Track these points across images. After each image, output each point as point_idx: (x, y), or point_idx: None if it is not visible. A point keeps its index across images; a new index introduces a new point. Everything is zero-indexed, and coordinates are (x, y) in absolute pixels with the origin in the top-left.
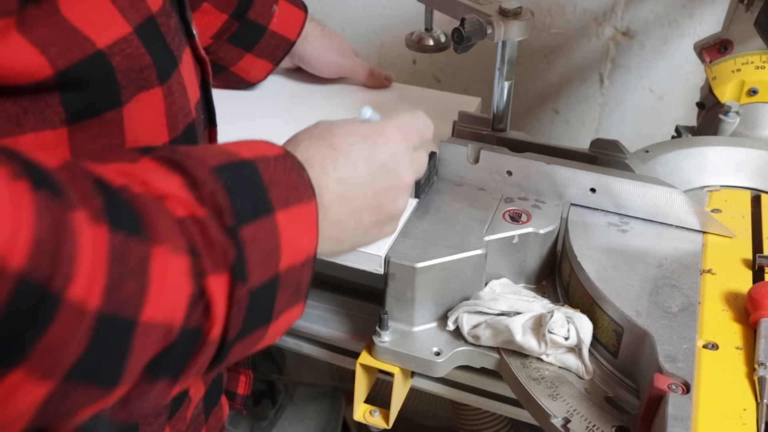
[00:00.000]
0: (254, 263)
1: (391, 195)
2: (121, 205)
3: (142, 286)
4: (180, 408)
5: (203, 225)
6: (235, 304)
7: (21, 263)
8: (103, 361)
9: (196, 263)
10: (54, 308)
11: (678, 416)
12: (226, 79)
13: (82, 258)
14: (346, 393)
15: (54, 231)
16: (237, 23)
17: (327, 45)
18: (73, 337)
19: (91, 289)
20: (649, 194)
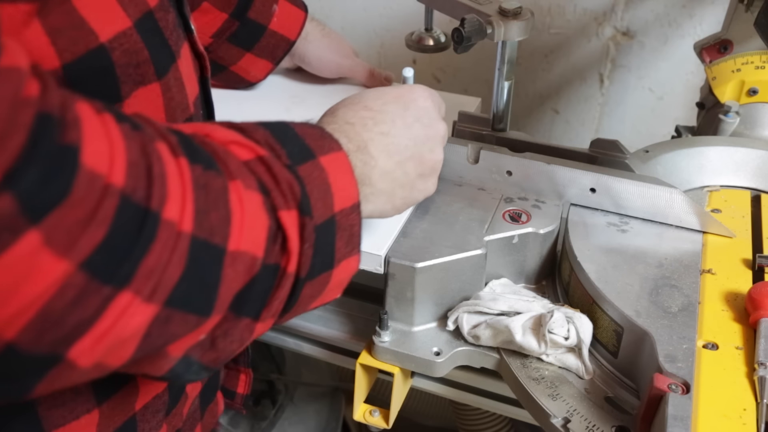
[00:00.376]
0: (315, 199)
1: (429, 145)
2: (193, 144)
3: (226, 215)
4: (177, 404)
5: (268, 164)
6: (306, 239)
7: (122, 181)
8: (198, 288)
9: (267, 200)
10: (154, 226)
11: (678, 416)
12: (226, 78)
13: (172, 182)
14: (346, 393)
15: (143, 155)
16: (237, 22)
17: (327, 45)
18: (171, 258)
19: (184, 212)
20: (649, 194)
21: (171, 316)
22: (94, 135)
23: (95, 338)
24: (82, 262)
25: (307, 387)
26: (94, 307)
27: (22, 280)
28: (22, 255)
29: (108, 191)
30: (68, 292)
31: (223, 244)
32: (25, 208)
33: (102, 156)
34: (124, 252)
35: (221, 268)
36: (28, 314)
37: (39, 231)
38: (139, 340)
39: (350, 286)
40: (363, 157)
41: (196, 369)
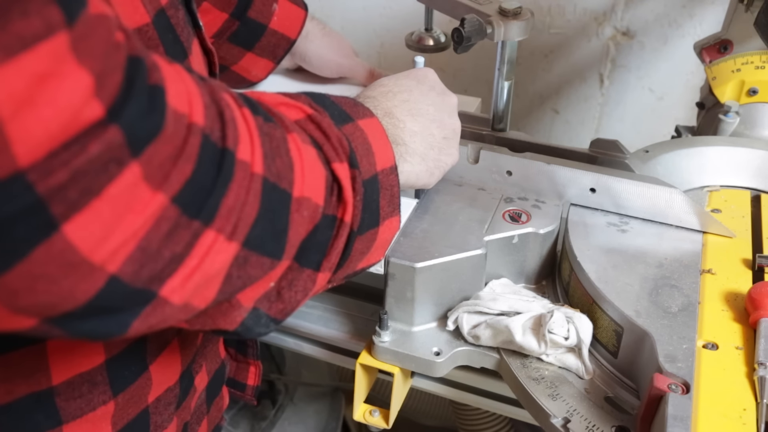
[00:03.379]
0: (361, 156)
1: (447, 110)
2: (251, 100)
3: (289, 163)
4: (186, 398)
5: (317, 121)
6: (357, 192)
7: (202, 121)
8: (270, 231)
9: (321, 153)
10: (231, 165)
11: (678, 416)
12: (228, 78)
13: (241, 126)
14: (346, 393)
15: (214, 100)
16: (237, 22)
17: (328, 44)
18: (248, 198)
19: (254, 154)
20: (649, 194)
21: (248, 257)
22: (173, 78)
23: (185, 275)
24: (174, 195)
25: (307, 387)
26: (185, 242)
27: (125, 211)
28: (126, 187)
29: (191, 129)
30: (163, 225)
31: (290, 189)
32: (129, 140)
33: (182, 97)
34: (207, 188)
35: (289, 213)
36: (130, 246)
37: (139, 164)
38: (222, 280)
39: (350, 285)
40: (392, 120)
41: (265, 321)
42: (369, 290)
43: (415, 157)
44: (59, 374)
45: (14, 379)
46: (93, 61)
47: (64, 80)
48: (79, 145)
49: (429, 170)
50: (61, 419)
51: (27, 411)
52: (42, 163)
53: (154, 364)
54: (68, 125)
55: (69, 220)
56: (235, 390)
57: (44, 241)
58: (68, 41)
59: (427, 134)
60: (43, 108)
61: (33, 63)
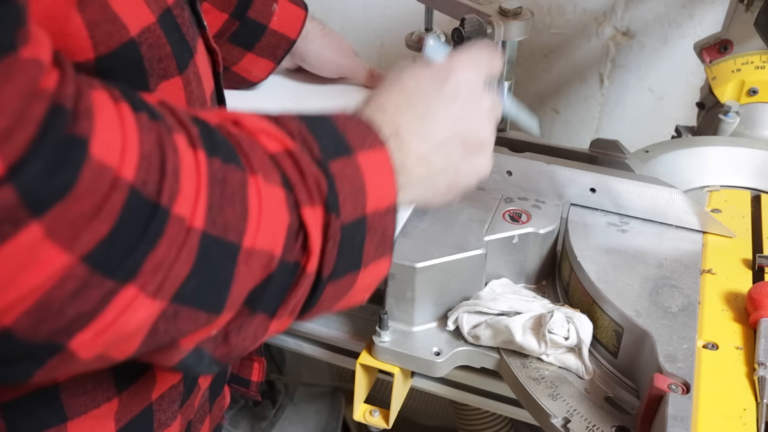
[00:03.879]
0: (344, 197)
1: (472, 121)
2: (215, 136)
3: (243, 211)
4: (190, 396)
5: (296, 157)
6: (330, 238)
7: (132, 175)
8: (208, 285)
9: (290, 195)
10: (163, 221)
11: (678, 416)
12: (228, 78)
13: (185, 176)
14: (346, 393)
15: (157, 148)
16: (237, 22)
17: (328, 44)
18: (180, 254)
19: (196, 207)
20: (649, 194)
21: (179, 312)
22: (107, 126)
23: (97, 331)
24: (85, 255)
25: (307, 387)
26: (95, 300)
27: (21, 270)
28: (22, 246)
29: (116, 185)
30: (68, 284)
31: (238, 241)
32: (26, 201)
33: (113, 147)
34: (129, 246)
35: (234, 266)
36: (26, 303)
37: (41, 224)
38: (145, 334)
39: None
40: (397, 143)
41: (207, 362)
42: None
43: (419, 187)
44: None
45: None
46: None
47: None
48: None
49: (440, 195)
50: (66, 415)
51: (33, 407)
52: None
53: None
54: None
55: None
56: (239, 386)
57: None
58: None
59: (439, 157)
60: None
61: None
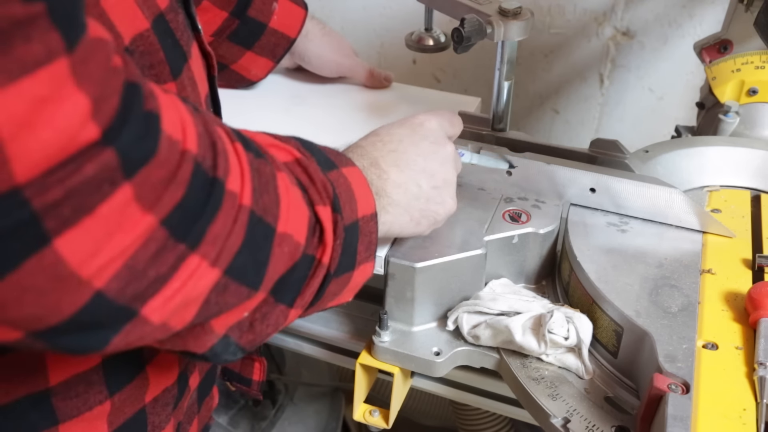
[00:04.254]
0: (344, 202)
1: (438, 159)
2: (244, 136)
3: (276, 199)
4: (182, 398)
5: (304, 165)
6: (338, 236)
7: (194, 149)
8: (252, 261)
9: (306, 195)
10: (220, 194)
11: (678, 416)
12: (227, 77)
13: (233, 159)
14: (346, 393)
15: (207, 130)
16: (237, 21)
17: (327, 43)
18: (234, 227)
19: (244, 187)
20: (648, 194)
21: (228, 284)
22: (168, 106)
23: (167, 296)
24: (164, 218)
25: (307, 387)
26: (169, 263)
27: (114, 230)
28: (117, 206)
29: (185, 156)
30: (151, 245)
31: (274, 224)
32: (123, 163)
33: (176, 124)
34: (196, 214)
35: (271, 247)
36: (117, 264)
37: (131, 185)
38: (201, 304)
39: None
40: (376, 171)
41: (233, 349)
42: (369, 290)
43: (398, 209)
44: (57, 375)
45: (13, 380)
46: (91, 85)
47: (62, 104)
48: (74, 165)
49: (414, 220)
50: (58, 419)
51: (24, 411)
52: (38, 181)
53: (151, 364)
54: (65, 146)
55: (61, 235)
56: (242, 385)
57: (35, 254)
58: (68, 66)
59: (413, 185)
60: (41, 130)
61: (33, 87)
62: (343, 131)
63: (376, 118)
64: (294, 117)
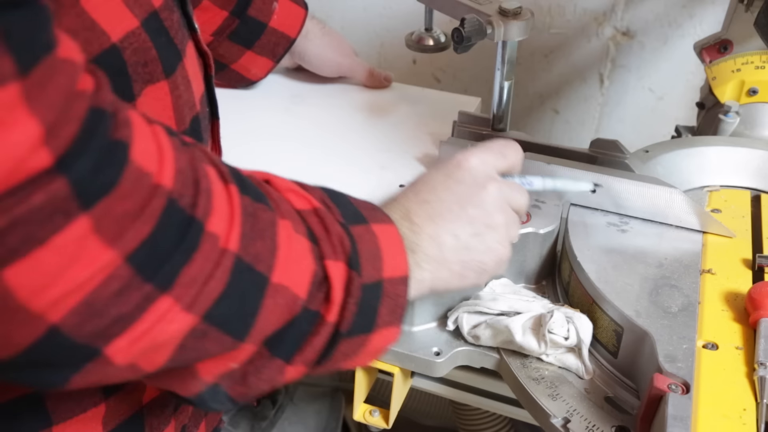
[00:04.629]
0: (365, 259)
1: (475, 201)
2: (245, 178)
3: (272, 247)
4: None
5: (321, 215)
6: (351, 294)
7: (169, 184)
8: (237, 310)
9: (316, 248)
10: (197, 235)
11: (678, 416)
12: (227, 76)
13: (218, 199)
14: (346, 393)
15: (191, 167)
16: (237, 20)
17: (328, 43)
18: (215, 272)
19: (230, 230)
20: (648, 194)
21: (208, 331)
22: (144, 137)
23: (133, 337)
24: (128, 254)
25: (307, 387)
26: (134, 303)
27: (71, 262)
28: (73, 238)
29: (156, 190)
30: (113, 282)
31: (267, 273)
32: (77, 193)
33: (150, 156)
34: (167, 253)
35: (262, 297)
36: (75, 298)
37: (89, 217)
38: (174, 348)
39: None
40: (408, 225)
41: (222, 399)
42: None
43: (434, 264)
44: None
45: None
46: (46, 110)
47: (10, 129)
48: (22, 194)
49: (457, 274)
50: (52, 420)
51: (18, 412)
52: None
53: None
54: (11, 173)
55: (8, 266)
56: None
57: None
58: (19, 90)
59: (448, 236)
60: None
61: None
62: (343, 131)
63: (376, 117)
64: (294, 116)
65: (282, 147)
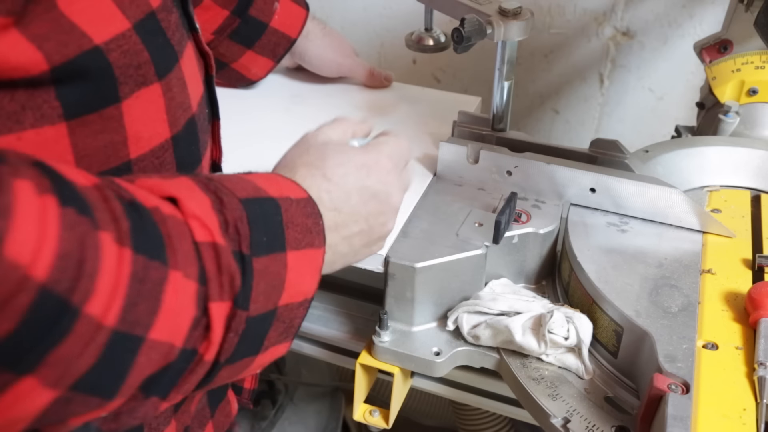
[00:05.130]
0: (257, 294)
1: (381, 219)
2: (146, 229)
3: (155, 307)
4: (185, 401)
5: (219, 251)
6: (232, 330)
7: (44, 275)
8: (107, 375)
9: (202, 289)
10: (71, 321)
11: (678, 416)
12: (227, 76)
13: (104, 276)
14: (346, 393)
15: (79, 247)
16: (238, 20)
17: (328, 44)
18: (86, 350)
19: (110, 307)
20: (648, 194)
21: (73, 398)
22: (24, 223)
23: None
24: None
25: (307, 387)
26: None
27: None
28: None
29: (24, 285)
30: None
31: (144, 334)
32: None
33: (26, 246)
34: (32, 343)
35: (135, 356)
36: None
37: None
38: (34, 418)
39: (350, 286)
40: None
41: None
42: (369, 290)
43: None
44: None
45: None
46: None
47: None
48: None
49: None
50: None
51: None
52: None
53: None
54: None
55: None
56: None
57: None
58: None
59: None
60: None
61: None
62: None
63: (376, 117)
64: (294, 116)
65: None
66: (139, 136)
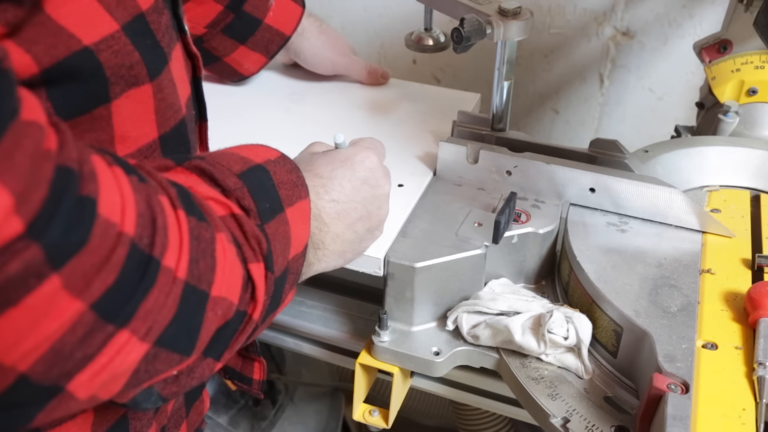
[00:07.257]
0: (277, 255)
1: (376, 203)
2: (189, 197)
3: (212, 265)
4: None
5: (240, 221)
6: (268, 290)
7: (131, 230)
8: (184, 330)
9: (240, 252)
10: (155, 272)
11: (677, 416)
12: (219, 69)
13: (172, 232)
14: (346, 393)
15: (148, 207)
16: (232, 15)
17: (324, 42)
18: (166, 302)
19: (181, 260)
20: (648, 194)
21: (158, 354)
22: (109, 187)
23: (94, 372)
24: (93, 303)
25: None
26: (98, 343)
27: (41, 318)
28: (44, 297)
29: (120, 240)
30: (78, 329)
31: (208, 289)
32: (49, 257)
33: (116, 207)
34: (128, 294)
35: (204, 312)
36: (42, 348)
37: (60, 276)
38: (129, 375)
39: (350, 286)
40: (318, 224)
41: (154, 399)
42: (369, 290)
43: (333, 256)
44: None
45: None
46: (15, 180)
47: None
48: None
49: (345, 260)
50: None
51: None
52: None
53: None
54: None
55: None
56: (242, 384)
57: None
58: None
59: (350, 233)
60: None
61: None
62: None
63: (376, 115)
64: (292, 114)
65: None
66: (126, 135)
